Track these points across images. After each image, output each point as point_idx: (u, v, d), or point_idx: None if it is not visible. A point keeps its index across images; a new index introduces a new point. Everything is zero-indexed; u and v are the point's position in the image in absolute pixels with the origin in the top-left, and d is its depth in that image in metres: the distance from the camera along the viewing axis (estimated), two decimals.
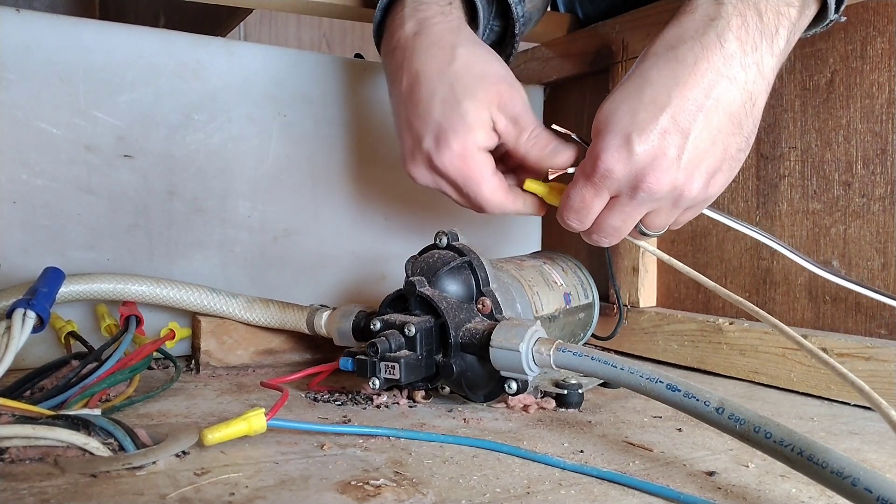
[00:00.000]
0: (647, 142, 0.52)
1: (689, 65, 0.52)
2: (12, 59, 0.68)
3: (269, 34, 1.77)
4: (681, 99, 0.52)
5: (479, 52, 0.63)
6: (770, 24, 0.53)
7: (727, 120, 0.53)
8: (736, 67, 0.52)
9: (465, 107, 0.60)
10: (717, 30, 0.52)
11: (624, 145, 0.53)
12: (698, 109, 0.52)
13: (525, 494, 0.41)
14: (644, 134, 0.52)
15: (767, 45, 0.53)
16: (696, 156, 0.53)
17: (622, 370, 0.48)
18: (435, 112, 0.61)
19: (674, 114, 0.52)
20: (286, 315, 0.69)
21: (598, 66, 0.87)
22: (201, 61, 0.76)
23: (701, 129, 0.52)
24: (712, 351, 0.72)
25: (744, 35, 0.52)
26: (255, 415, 0.46)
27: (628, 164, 0.53)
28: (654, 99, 0.52)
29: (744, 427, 0.41)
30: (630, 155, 0.53)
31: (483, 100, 0.60)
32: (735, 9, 0.52)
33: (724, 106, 0.53)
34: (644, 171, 0.53)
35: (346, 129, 0.84)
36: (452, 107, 0.60)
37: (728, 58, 0.52)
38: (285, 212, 0.81)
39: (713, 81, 0.52)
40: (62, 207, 0.70)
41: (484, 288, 0.59)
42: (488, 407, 0.60)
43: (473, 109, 0.60)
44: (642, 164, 0.53)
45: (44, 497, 0.38)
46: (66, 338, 0.64)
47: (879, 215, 0.64)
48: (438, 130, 0.60)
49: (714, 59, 0.52)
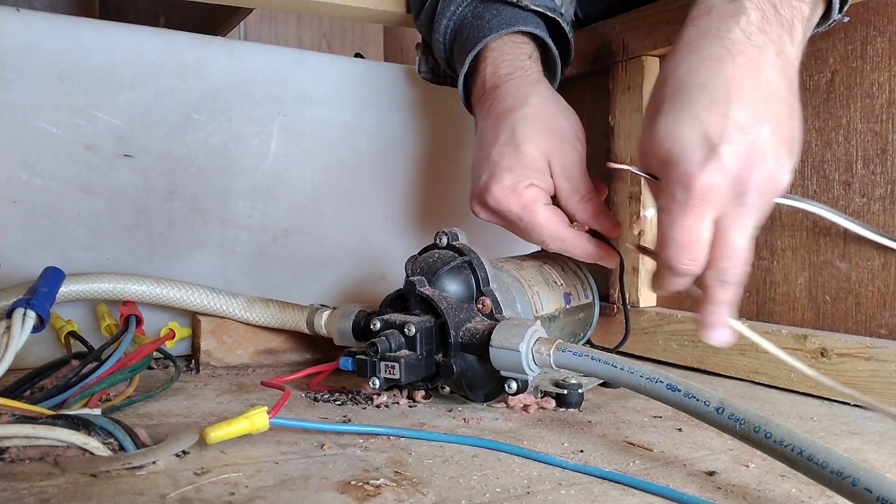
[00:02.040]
0: (733, 142, 0.49)
1: (728, 61, 0.51)
2: (12, 59, 0.68)
3: (269, 34, 1.77)
4: (739, 93, 0.50)
5: (551, 106, 0.66)
6: (786, 17, 0.52)
7: (782, 103, 0.51)
8: (770, 55, 0.51)
9: (523, 150, 0.63)
10: (740, 25, 0.51)
11: (710, 155, 0.49)
12: (759, 98, 0.50)
13: (525, 494, 0.41)
14: (725, 135, 0.49)
15: (787, 35, 0.52)
16: (777, 141, 0.50)
17: (622, 370, 0.48)
18: (495, 153, 0.64)
19: (740, 108, 0.50)
20: (286, 315, 0.69)
21: (599, 65, 0.87)
22: (201, 61, 0.76)
23: (770, 116, 0.50)
24: (712, 351, 0.72)
25: (766, 27, 0.51)
26: (257, 413, 0.46)
27: (725, 172, 0.49)
28: (714, 101, 0.50)
29: (744, 427, 0.41)
30: (720, 161, 0.49)
31: (542, 148, 0.64)
32: (752, 3, 0.52)
33: (776, 90, 0.51)
34: (744, 172, 0.50)
35: (347, 128, 0.84)
36: (512, 149, 0.64)
37: (760, 48, 0.51)
38: (285, 212, 0.81)
39: (757, 71, 0.51)
40: (62, 207, 0.70)
41: (484, 288, 0.59)
42: (488, 407, 0.60)
43: (530, 153, 0.63)
44: (739, 165, 0.50)
45: (44, 497, 0.38)
46: (66, 337, 0.65)
47: (879, 215, 0.64)
48: (494, 168, 0.64)
49: (749, 52, 0.51)
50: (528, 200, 0.63)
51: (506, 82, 0.68)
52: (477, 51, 0.70)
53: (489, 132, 0.67)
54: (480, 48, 0.70)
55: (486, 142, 0.66)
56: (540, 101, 0.66)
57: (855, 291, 0.66)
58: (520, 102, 0.66)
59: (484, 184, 0.65)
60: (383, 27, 1.79)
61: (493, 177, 0.64)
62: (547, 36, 0.71)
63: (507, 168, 0.63)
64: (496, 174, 0.64)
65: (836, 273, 0.67)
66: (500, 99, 0.67)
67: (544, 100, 0.67)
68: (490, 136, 0.66)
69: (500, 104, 0.67)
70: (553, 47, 0.72)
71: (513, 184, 0.63)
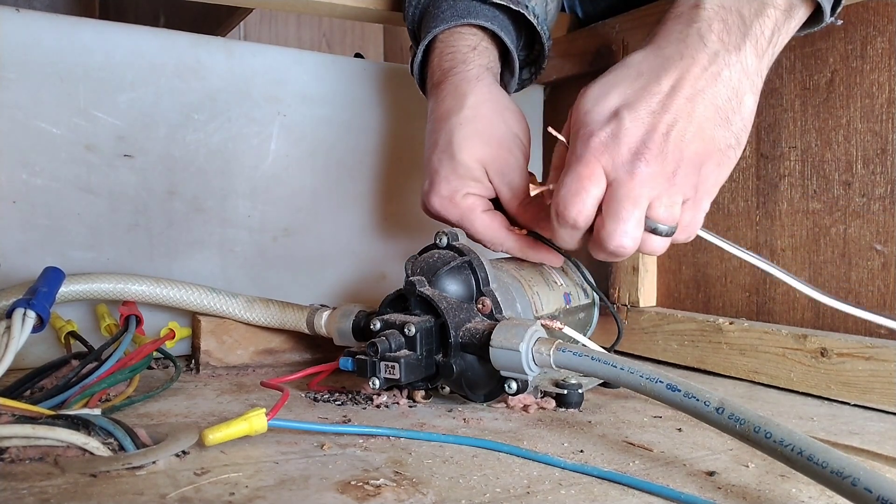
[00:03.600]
0: (637, 117, 0.53)
1: (675, 60, 0.54)
2: (12, 58, 0.68)
3: (269, 34, 1.77)
4: (668, 86, 0.53)
5: (488, 108, 0.66)
6: (753, 27, 0.54)
7: (713, 111, 0.54)
8: (720, 64, 0.54)
9: (458, 159, 0.64)
10: (699, 32, 0.54)
11: (614, 119, 0.54)
12: (684, 97, 0.53)
13: (525, 494, 0.41)
14: (634, 110, 0.53)
15: (751, 46, 0.54)
16: (684, 135, 0.53)
17: (622, 370, 0.48)
18: (434, 159, 0.66)
19: (662, 98, 0.53)
20: (286, 315, 0.69)
21: (599, 65, 0.87)
22: (201, 61, 0.76)
23: (687, 115, 0.53)
24: (712, 351, 0.72)
25: (725, 37, 0.54)
26: (255, 415, 0.46)
27: (619, 136, 0.53)
28: (645, 86, 0.54)
29: (744, 427, 0.41)
30: (620, 127, 0.53)
31: (478, 156, 0.64)
32: (716, 13, 0.54)
33: (710, 98, 0.54)
34: (637, 142, 0.53)
35: (346, 128, 0.84)
36: (448, 157, 0.65)
37: (712, 56, 0.54)
38: (285, 212, 0.81)
39: (697, 75, 0.53)
40: (62, 207, 0.70)
41: (484, 288, 0.59)
42: (488, 407, 0.60)
43: (466, 163, 0.64)
44: (635, 135, 0.53)
45: (44, 497, 0.38)
46: (66, 337, 0.65)
47: (879, 215, 0.64)
48: (434, 176, 0.66)
49: (698, 57, 0.54)
50: (464, 209, 0.65)
51: (447, 79, 0.68)
52: (426, 42, 0.70)
53: (430, 136, 0.67)
54: (429, 39, 0.70)
55: (429, 144, 0.68)
56: (477, 101, 0.66)
57: (855, 291, 0.66)
58: (458, 104, 0.66)
59: (425, 191, 0.67)
60: (383, 27, 1.79)
61: (433, 186, 0.66)
62: (500, 30, 0.69)
63: (444, 178, 0.65)
64: (435, 183, 0.65)
65: (836, 273, 0.67)
66: (441, 99, 0.68)
67: (482, 101, 0.66)
68: (431, 140, 0.67)
69: (441, 105, 0.67)
70: (507, 41, 0.70)
71: (450, 194, 0.65)
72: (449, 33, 0.70)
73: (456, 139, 0.64)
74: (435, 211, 0.66)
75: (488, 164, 0.64)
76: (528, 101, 0.97)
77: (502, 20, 0.71)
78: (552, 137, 0.60)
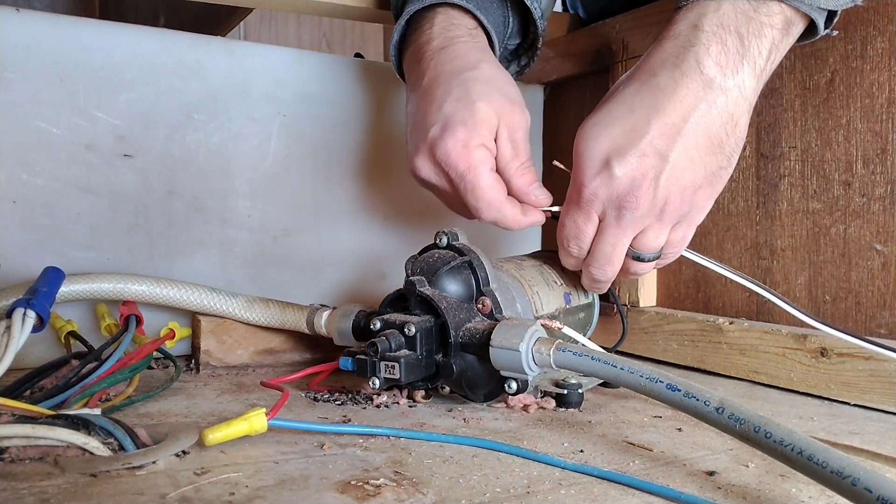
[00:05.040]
0: (626, 165, 0.55)
1: (669, 92, 0.54)
2: (12, 58, 0.68)
3: (269, 34, 1.77)
4: (660, 125, 0.55)
5: (501, 73, 0.66)
6: (752, 47, 0.54)
7: (706, 141, 0.55)
8: (716, 91, 0.54)
9: (477, 106, 0.62)
10: (696, 56, 0.54)
11: (605, 169, 0.56)
12: (676, 133, 0.54)
13: (525, 494, 0.41)
14: (623, 158, 0.55)
15: (749, 67, 0.54)
16: (675, 175, 0.55)
17: (622, 370, 0.48)
18: (447, 106, 0.62)
19: (652, 139, 0.55)
20: (286, 315, 0.69)
21: (599, 65, 0.87)
22: (201, 61, 0.76)
23: (679, 152, 0.55)
24: (712, 351, 0.72)
25: (723, 60, 0.54)
26: (255, 414, 0.46)
27: (609, 187, 0.56)
28: (635, 126, 0.55)
29: (744, 427, 0.41)
30: (610, 178, 0.56)
31: (496, 106, 0.62)
32: (714, 35, 0.54)
33: (703, 129, 0.55)
34: (625, 193, 0.56)
35: (346, 128, 0.84)
36: (465, 104, 0.62)
37: (707, 83, 0.54)
38: (285, 212, 0.81)
39: (692, 106, 0.54)
40: (62, 207, 0.70)
41: (484, 288, 0.59)
42: (488, 407, 0.60)
43: (485, 109, 0.62)
44: (623, 185, 0.56)
45: (44, 497, 0.38)
46: (66, 337, 0.65)
47: (879, 215, 0.64)
48: (447, 121, 0.62)
49: (693, 85, 0.54)
50: (475, 161, 0.61)
51: (455, 44, 0.66)
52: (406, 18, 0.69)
53: (438, 88, 0.64)
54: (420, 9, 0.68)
55: (435, 96, 0.63)
56: (489, 66, 0.65)
57: (855, 291, 0.66)
58: (471, 64, 0.64)
59: (435, 136, 0.62)
60: (383, 27, 1.79)
61: (447, 129, 0.61)
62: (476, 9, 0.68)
63: (460, 121, 0.61)
64: (450, 126, 0.61)
65: (836, 273, 0.67)
66: (449, 59, 0.65)
67: (494, 65, 0.66)
68: (440, 91, 0.63)
69: (450, 64, 0.65)
70: (483, 19, 0.69)
71: (465, 138, 0.61)
72: (432, 11, 0.68)
73: (473, 89, 0.62)
74: (444, 155, 0.61)
75: (502, 117, 0.62)
76: (529, 101, 0.96)
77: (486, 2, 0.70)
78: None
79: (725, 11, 0.54)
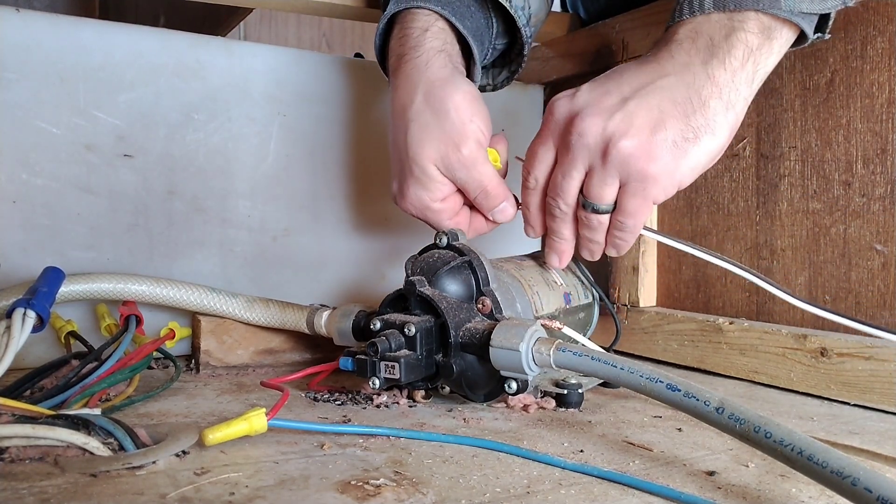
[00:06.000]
0: (587, 93, 0.59)
1: (643, 65, 0.60)
2: (12, 58, 0.68)
3: (269, 34, 1.77)
4: (629, 81, 0.59)
5: (436, 98, 0.64)
6: (721, 46, 0.57)
7: (669, 103, 0.57)
8: (679, 67, 0.58)
9: (417, 161, 0.64)
10: (669, 50, 0.59)
11: (570, 95, 0.60)
12: (640, 86, 0.58)
13: (525, 494, 0.41)
14: (589, 91, 0.59)
15: (718, 62, 0.57)
16: (628, 117, 0.57)
17: (622, 370, 0.48)
18: (395, 161, 0.67)
19: (618, 84, 0.59)
20: (286, 315, 0.69)
21: (599, 65, 0.87)
22: (201, 61, 0.76)
23: (639, 100, 0.57)
24: (712, 351, 0.72)
25: (692, 50, 0.58)
26: (255, 414, 0.46)
27: (566, 107, 0.59)
28: (607, 77, 0.60)
29: (744, 427, 0.41)
30: (571, 100, 0.59)
31: (430, 157, 0.64)
32: (687, 36, 0.59)
33: (666, 92, 0.57)
34: (576, 112, 0.58)
35: (346, 128, 0.84)
36: (407, 159, 0.65)
37: (675, 63, 0.58)
38: (285, 212, 0.81)
39: (658, 74, 0.58)
40: (62, 207, 0.70)
41: (484, 288, 0.59)
42: (488, 407, 0.60)
43: (422, 165, 0.64)
44: (577, 107, 0.59)
45: (44, 497, 0.38)
46: (66, 337, 0.64)
47: (879, 215, 0.64)
48: (400, 179, 0.66)
49: (664, 63, 0.59)
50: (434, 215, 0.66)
51: (400, 67, 0.67)
52: (382, 24, 0.70)
53: (392, 128, 0.67)
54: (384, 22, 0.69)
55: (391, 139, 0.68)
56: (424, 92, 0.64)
57: (855, 291, 0.66)
58: (411, 97, 0.65)
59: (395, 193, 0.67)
60: None
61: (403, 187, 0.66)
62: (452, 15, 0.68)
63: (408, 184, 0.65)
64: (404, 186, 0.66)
65: (836, 273, 0.67)
66: (395, 87, 0.67)
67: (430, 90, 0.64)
68: (391, 133, 0.67)
69: (396, 99, 0.66)
70: (457, 24, 0.68)
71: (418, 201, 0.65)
72: (405, 13, 0.69)
73: (410, 140, 0.64)
74: (408, 211, 0.67)
75: (440, 161, 0.63)
76: (529, 101, 0.97)
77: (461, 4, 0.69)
78: None
79: (700, 22, 0.58)
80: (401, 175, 0.66)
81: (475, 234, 0.68)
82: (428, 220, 0.67)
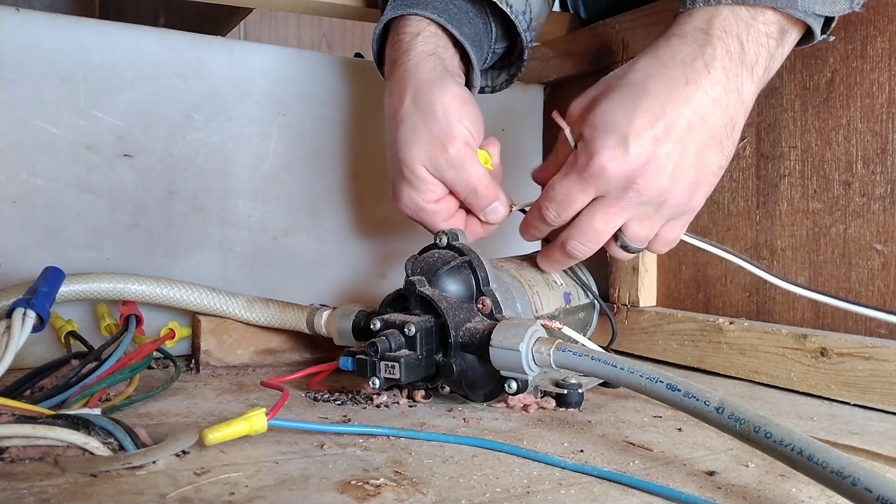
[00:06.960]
0: (642, 145, 0.55)
1: (681, 84, 0.56)
2: (12, 58, 0.68)
3: (269, 34, 1.77)
4: (674, 113, 0.55)
5: (424, 99, 0.64)
6: (750, 54, 0.56)
7: (710, 139, 0.57)
8: (720, 92, 0.56)
9: (406, 163, 0.64)
10: (704, 58, 0.56)
11: (621, 145, 0.56)
12: (689, 125, 0.56)
13: (525, 494, 0.41)
14: (640, 138, 0.55)
15: (748, 73, 0.56)
16: (683, 166, 0.56)
17: (622, 370, 0.48)
18: (390, 164, 0.67)
19: (667, 125, 0.55)
20: (286, 315, 0.69)
21: (599, 65, 0.87)
22: (201, 61, 0.76)
23: (689, 144, 0.56)
24: (712, 350, 0.72)
25: (728, 64, 0.56)
26: (255, 414, 0.46)
27: (622, 164, 0.56)
28: (650, 108, 0.55)
29: (744, 427, 0.41)
30: (625, 155, 0.55)
31: (419, 158, 0.64)
32: (720, 39, 0.56)
33: (710, 125, 0.56)
34: (636, 172, 0.56)
35: (346, 128, 0.84)
36: (399, 163, 0.65)
37: (714, 83, 0.56)
38: (285, 212, 0.81)
39: (701, 102, 0.56)
40: (62, 207, 0.70)
41: (484, 287, 0.59)
42: (488, 406, 0.60)
43: (412, 167, 0.64)
44: (635, 165, 0.56)
45: (44, 497, 0.38)
46: (66, 337, 0.65)
47: (879, 215, 0.64)
48: (395, 181, 0.67)
49: (703, 83, 0.55)
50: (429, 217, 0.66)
51: (393, 72, 0.67)
52: (378, 31, 0.70)
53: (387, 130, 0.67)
54: (380, 28, 0.70)
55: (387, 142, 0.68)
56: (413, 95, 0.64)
57: (855, 291, 0.66)
58: (401, 102, 0.65)
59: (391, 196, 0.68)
60: None
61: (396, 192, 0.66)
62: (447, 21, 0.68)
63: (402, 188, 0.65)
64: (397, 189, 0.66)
65: (836, 273, 0.67)
66: (388, 92, 0.68)
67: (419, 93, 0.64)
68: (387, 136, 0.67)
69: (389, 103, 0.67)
70: (452, 29, 0.68)
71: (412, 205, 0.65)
72: (399, 20, 0.69)
73: (400, 144, 0.64)
74: (404, 214, 0.67)
75: (428, 162, 0.63)
76: (528, 101, 0.97)
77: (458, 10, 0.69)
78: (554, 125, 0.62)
79: (727, 17, 0.55)
80: (395, 177, 0.66)
81: (473, 239, 0.68)
82: (423, 222, 0.67)
